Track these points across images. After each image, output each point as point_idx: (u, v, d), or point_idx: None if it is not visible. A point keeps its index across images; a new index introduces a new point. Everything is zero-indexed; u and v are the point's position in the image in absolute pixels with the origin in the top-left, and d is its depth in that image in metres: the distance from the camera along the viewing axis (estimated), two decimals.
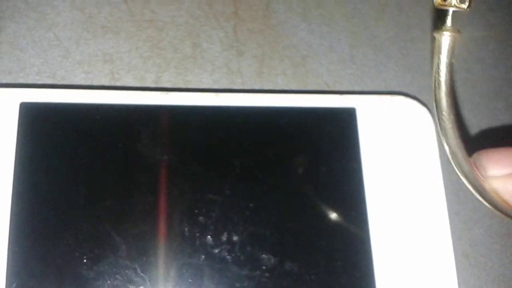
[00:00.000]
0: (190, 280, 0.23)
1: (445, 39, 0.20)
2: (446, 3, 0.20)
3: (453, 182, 0.26)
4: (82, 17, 0.27)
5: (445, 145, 0.22)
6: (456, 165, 0.21)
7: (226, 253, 0.23)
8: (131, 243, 0.23)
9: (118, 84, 0.26)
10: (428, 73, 0.28)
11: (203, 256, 0.23)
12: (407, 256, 0.24)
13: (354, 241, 0.24)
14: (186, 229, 0.23)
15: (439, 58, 0.20)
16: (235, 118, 0.25)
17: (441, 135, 0.21)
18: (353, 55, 0.28)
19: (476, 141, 0.28)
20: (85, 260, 0.22)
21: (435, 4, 0.21)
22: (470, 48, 0.29)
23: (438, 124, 0.22)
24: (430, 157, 0.26)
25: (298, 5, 0.29)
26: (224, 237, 0.24)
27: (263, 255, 0.23)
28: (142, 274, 0.23)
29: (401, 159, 0.26)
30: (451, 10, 0.21)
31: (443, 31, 0.20)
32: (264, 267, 0.23)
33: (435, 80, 0.21)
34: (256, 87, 0.27)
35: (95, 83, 0.26)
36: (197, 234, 0.23)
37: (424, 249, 0.24)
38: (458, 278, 0.24)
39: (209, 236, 0.23)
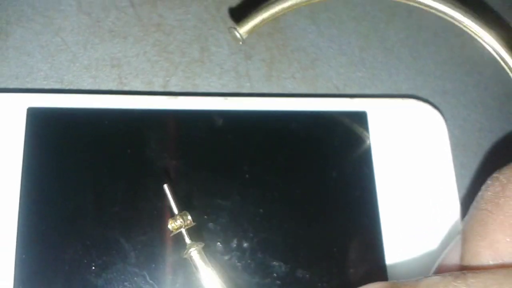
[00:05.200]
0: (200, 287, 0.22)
1: (194, 255, 0.22)
2: (177, 226, 0.22)
3: (466, 187, 0.26)
4: (89, 22, 0.27)
5: None
6: None
7: (236, 260, 0.23)
8: (140, 249, 0.23)
9: (126, 88, 0.26)
10: (440, 76, 0.28)
11: (213, 263, 0.22)
12: (420, 263, 0.24)
13: (367, 247, 0.24)
14: (196, 235, 0.23)
15: (200, 272, 0.22)
16: (244, 122, 0.25)
17: None
18: (363, 58, 0.28)
19: (489, 145, 0.27)
20: (93, 267, 0.22)
21: (171, 235, 0.22)
22: (482, 51, 0.29)
23: None
24: (443, 162, 0.25)
25: (307, 8, 0.29)
26: (234, 244, 0.23)
27: (274, 262, 0.23)
28: (151, 281, 0.22)
29: (414, 163, 0.25)
30: (183, 230, 0.22)
31: (188, 249, 0.22)
32: (275, 274, 0.23)
33: None
34: (265, 91, 0.27)
35: (103, 87, 0.26)
36: (207, 241, 0.23)
37: (438, 255, 0.24)
38: None
39: (218, 243, 0.23)
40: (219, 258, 0.23)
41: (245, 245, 0.23)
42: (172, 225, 0.22)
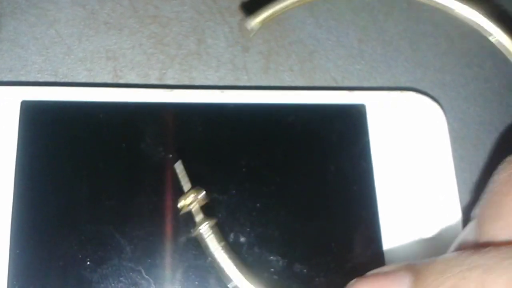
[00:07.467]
0: (196, 282, 0.22)
1: (205, 232, 0.21)
2: (187, 204, 0.21)
3: (466, 180, 0.26)
4: (84, 13, 0.27)
5: None
6: None
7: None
8: (136, 244, 0.22)
9: (121, 81, 0.26)
10: (439, 68, 0.28)
11: (209, 257, 0.22)
12: (419, 256, 0.23)
13: (365, 241, 0.24)
14: (192, 230, 0.22)
15: (210, 249, 0.21)
16: (241, 115, 0.25)
17: None
18: (362, 50, 0.28)
19: (489, 138, 0.27)
20: (88, 263, 0.22)
21: (181, 214, 0.22)
22: (482, 43, 0.29)
23: None
24: (443, 154, 0.25)
25: None
26: (230, 238, 0.23)
27: (271, 257, 0.23)
28: (146, 276, 0.22)
29: (413, 156, 0.25)
30: (195, 207, 0.21)
31: (199, 226, 0.21)
32: (272, 268, 0.23)
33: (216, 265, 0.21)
34: (263, 84, 0.27)
35: (98, 80, 0.26)
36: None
37: (437, 248, 0.23)
38: None
39: None
40: None
41: (242, 239, 0.23)
42: (182, 202, 0.21)
